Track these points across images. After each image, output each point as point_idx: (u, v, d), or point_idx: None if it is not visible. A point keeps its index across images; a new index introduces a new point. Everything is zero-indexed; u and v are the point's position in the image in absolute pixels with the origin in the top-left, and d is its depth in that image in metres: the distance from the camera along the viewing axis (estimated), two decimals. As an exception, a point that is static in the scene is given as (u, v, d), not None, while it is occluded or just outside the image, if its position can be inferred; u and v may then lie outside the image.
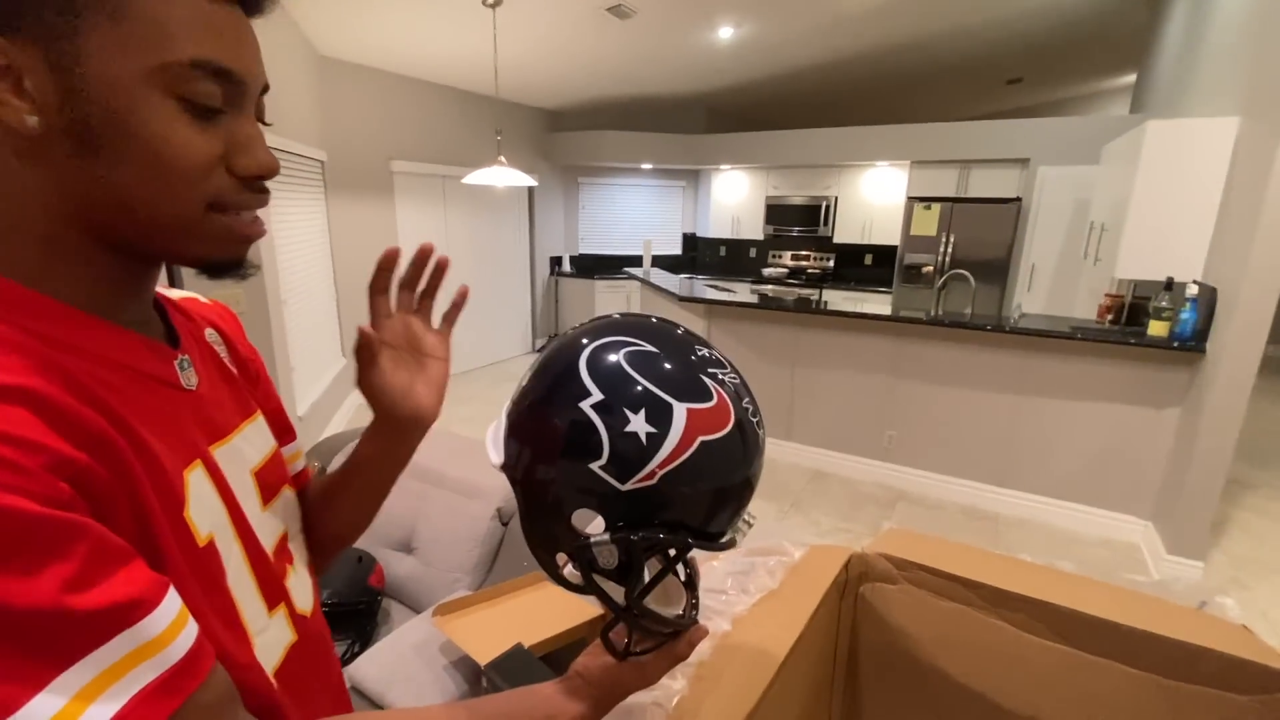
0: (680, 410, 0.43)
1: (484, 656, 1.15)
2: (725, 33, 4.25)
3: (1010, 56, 5.37)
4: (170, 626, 0.33)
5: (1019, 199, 4.76)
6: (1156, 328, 2.61)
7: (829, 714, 1.02)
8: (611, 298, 6.30)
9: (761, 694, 0.68)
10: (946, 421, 3.20)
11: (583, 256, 6.71)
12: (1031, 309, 4.49)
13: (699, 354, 0.47)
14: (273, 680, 0.45)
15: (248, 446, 0.50)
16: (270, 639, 0.47)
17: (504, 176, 3.57)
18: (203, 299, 0.57)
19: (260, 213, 0.44)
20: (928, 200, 4.97)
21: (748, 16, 4.00)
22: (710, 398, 0.44)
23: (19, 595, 0.28)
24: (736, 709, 0.65)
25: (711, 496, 0.45)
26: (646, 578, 0.47)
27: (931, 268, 4.99)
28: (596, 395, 0.43)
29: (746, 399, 0.47)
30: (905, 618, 0.95)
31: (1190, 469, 2.46)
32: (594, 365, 0.44)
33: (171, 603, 0.34)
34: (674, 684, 0.65)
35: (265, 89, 0.43)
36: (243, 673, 0.41)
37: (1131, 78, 5.64)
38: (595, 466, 0.42)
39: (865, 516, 3.05)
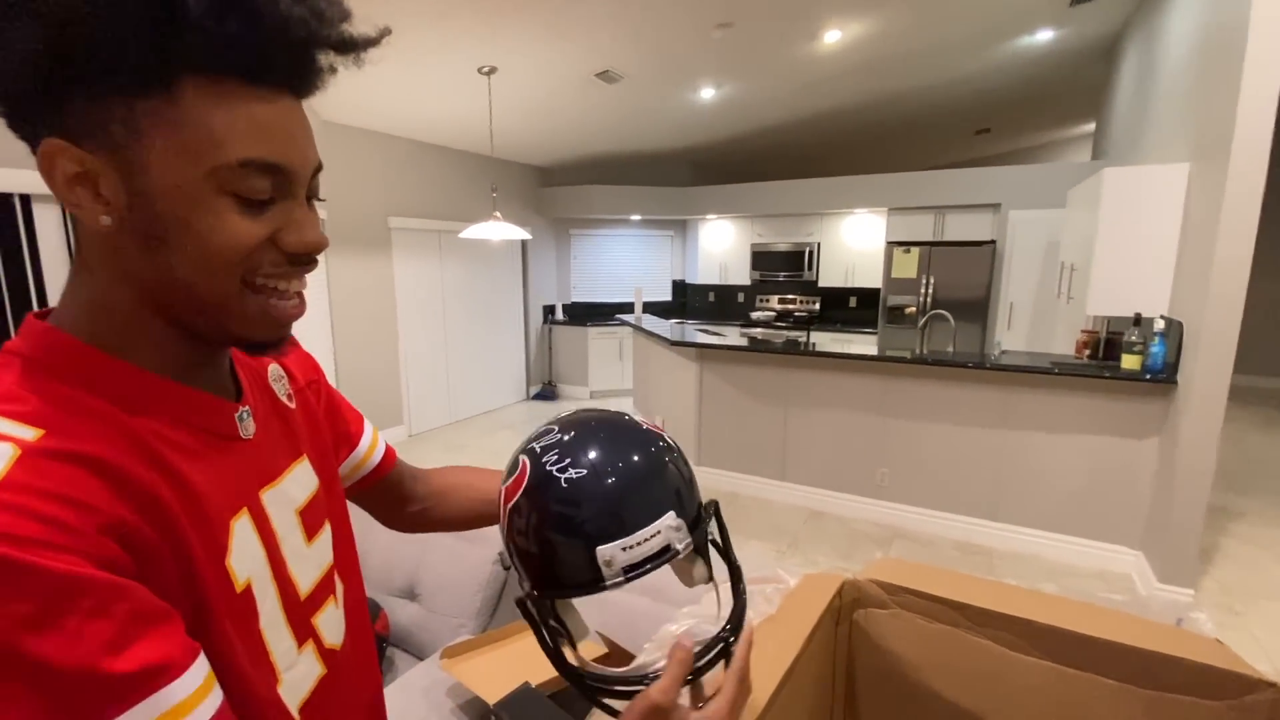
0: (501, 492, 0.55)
1: (492, 696, 1.17)
2: (707, 93, 4.50)
3: (976, 109, 5.70)
4: (194, 694, 0.35)
5: (993, 241, 4.96)
6: (1129, 361, 2.72)
7: (830, 740, 1.05)
8: (604, 344, 6.41)
9: (760, 713, 0.73)
10: (936, 457, 3.26)
11: (575, 304, 6.84)
12: (1012, 346, 4.63)
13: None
14: (295, 715, 0.48)
15: (294, 487, 0.53)
16: (299, 674, 0.50)
17: (500, 231, 3.71)
18: None
19: None
20: (906, 244, 5.16)
21: (728, 78, 4.25)
22: (515, 469, 0.54)
23: (58, 653, 0.31)
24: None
25: (542, 547, 0.50)
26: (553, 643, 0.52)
27: (914, 308, 5.15)
28: None
29: (553, 453, 0.51)
30: (897, 641, 0.99)
31: (1173, 498, 2.53)
32: None
33: (198, 670, 0.36)
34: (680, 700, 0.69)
35: (318, 169, 0.46)
36: (264, 707, 0.45)
37: (1091, 126, 5.98)
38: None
39: (863, 554, 3.07)
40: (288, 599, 0.49)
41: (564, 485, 0.49)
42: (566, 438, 0.52)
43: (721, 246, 6.66)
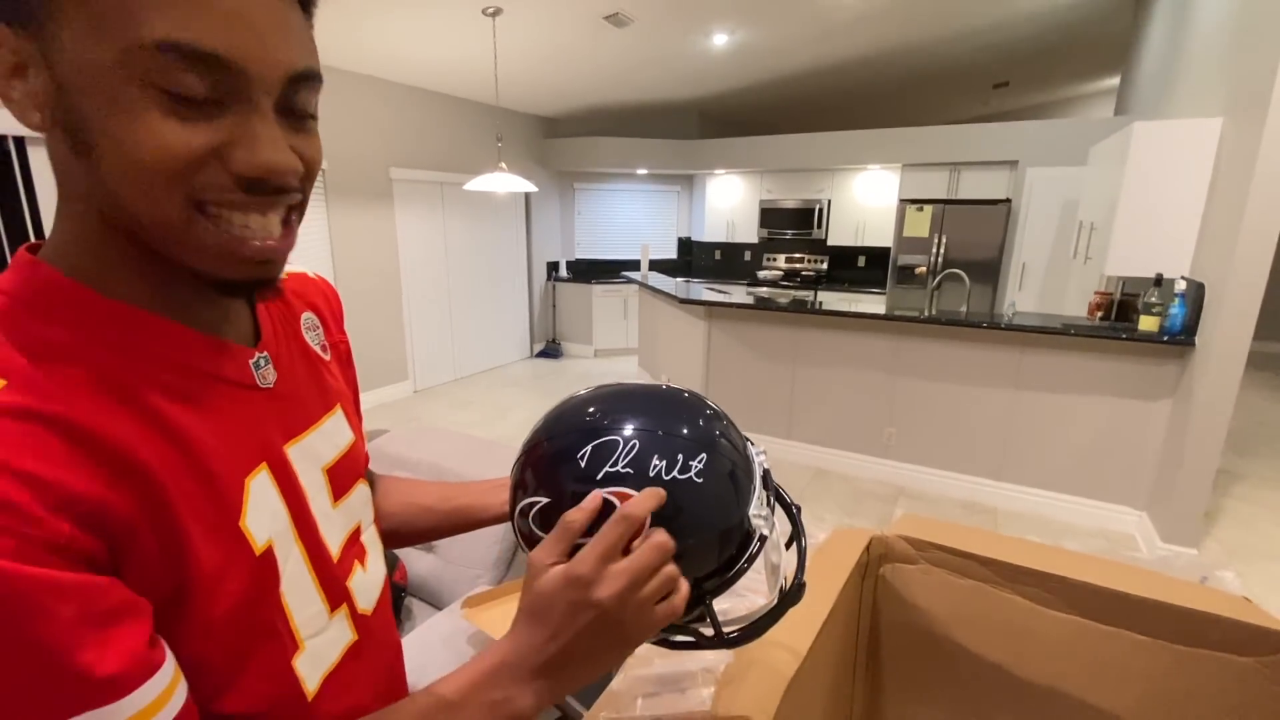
0: None
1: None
2: (720, 39, 4.32)
3: (996, 62, 5.49)
4: (155, 701, 0.32)
5: (1009, 200, 4.85)
6: (1147, 323, 2.68)
7: (852, 690, 1.06)
8: (609, 302, 6.35)
9: (798, 666, 0.72)
10: (944, 418, 3.26)
11: (579, 261, 6.75)
12: (1023, 307, 4.58)
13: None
14: (311, 687, 0.44)
15: (323, 442, 0.49)
16: (327, 639, 0.46)
17: (505, 182, 3.62)
18: (310, 274, 0.57)
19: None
20: (919, 202, 5.05)
21: (742, 23, 4.08)
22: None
23: None
24: (776, 680, 0.69)
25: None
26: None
27: (925, 268, 5.07)
28: None
29: (654, 459, 0.45)
30: (924, 596, 0.99)
31: (1182, 459, 2.53)
32: None
33: (155, 684, 0.32)
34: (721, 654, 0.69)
35: (307, 78, 0.37)
36: (271, 683, 0.41)
37: (1115, 81, 5.78)
38: None
39: (868, 511, 3.11)
40: (318, 561, 0.45)
41: (699, 481, 0.44)
42: (641, 438, 0.45)
43: (729, 203, 6.53)
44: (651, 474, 0.43)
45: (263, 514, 0.40)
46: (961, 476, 3.27)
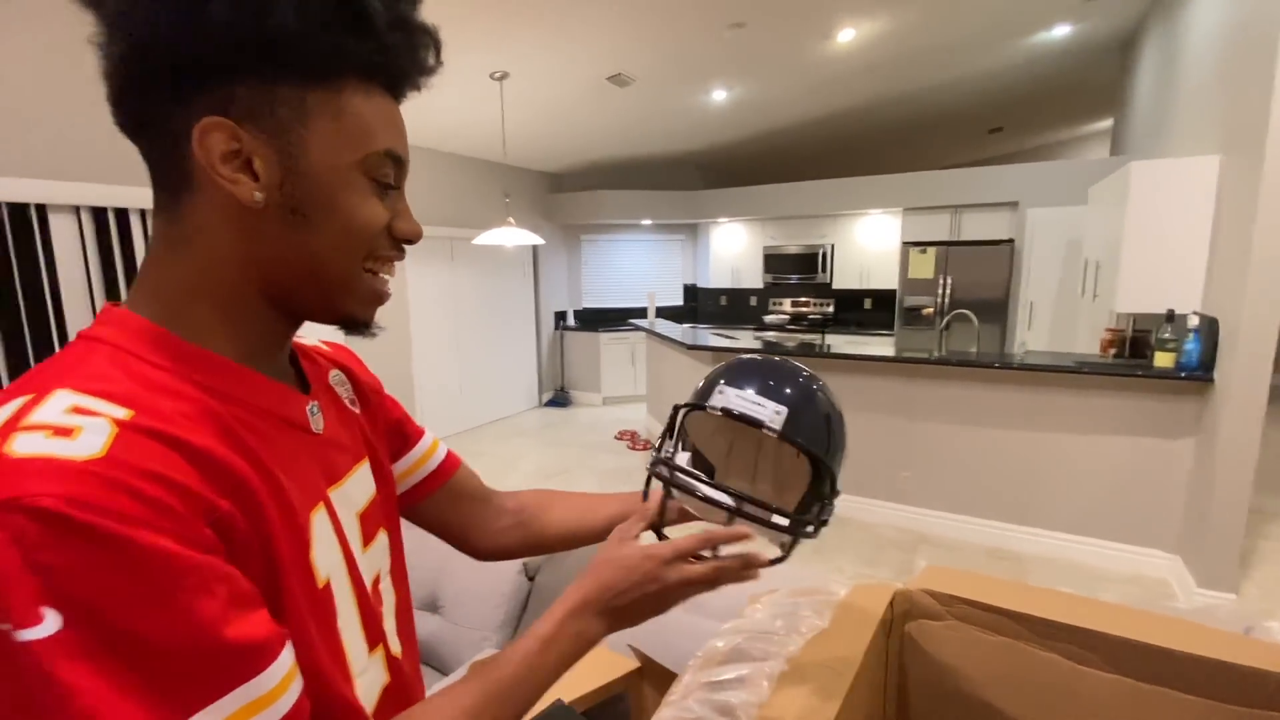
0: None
1: (526, 714, 1.13)
2: (719, 95, 4.47)
3: (989, 108, 5.64)
4: (282, 681, 0.36)
5: (1011, 240, 4.89)
6: (1162, 359, 2.64)
7: (883, 759, 1.00)
8: (617, 350, 6.37)
9: (824, 732, 0.68)
10: (961, 460, 3.19)
11: (586, 310, 6.82)
12: (1034, 346, 4.55)
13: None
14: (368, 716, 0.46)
15: (356, 490, 0.53)
16: (369, 680, 0.49)
17: (513, 237, 3.69)
18: (324, 345, 0.64)
19: None
20: (923, 245, 5.10)
21: (739, 79, 4.22)
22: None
23: (160, 632, 0.31)
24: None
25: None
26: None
27: (932, 309, 5.08)
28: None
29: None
30: (953, 654, 0.94)
31: (1212, 499, 2.45)
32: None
33: (287, 656, 0.36)
34: (750, 710, 0.65)
35: None
36: (343, 705, 0.43)
37: (1108, 123, 5.90)
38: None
39: (888, 560, 3.01)
40: (362, 600, 0.49)
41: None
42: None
43: (733, 250, 6.62)
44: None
45: (324, 549, 0.45)
46: (983, 522, 3.17)
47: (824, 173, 6.03)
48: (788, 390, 0.62)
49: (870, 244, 5.88)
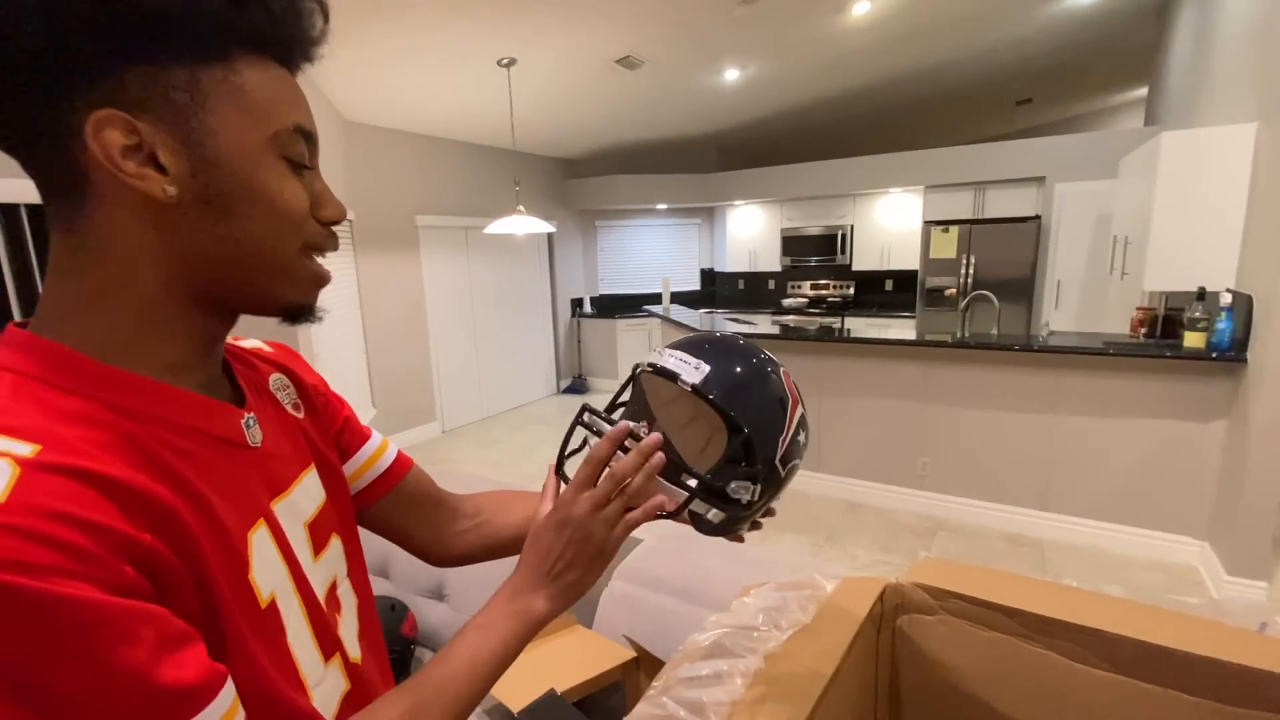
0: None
1: (517, 704, 1.13)
2: (731, 74, 4.38)
3: (1018, 78, 5.42)
4: (230, 709, 0.35)
5: (1038, 217, 4.72)
6: (1193, 339, 2.54)
7: (874, 755, 0.98)
8: (633, 336, 6.36)
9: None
10: (982, 445, 3.12)
11: (602, 297, 6.80)
12: (1061, 326, 4.41)
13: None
14: None
15: (303, 499, 0.51)
16: (327, 689, 0.48)
17: (523, 224, 3.68)
18: (266, 346, 0.60)
19: None
20: (945, 223, 4.96)
21: (752, 58, 4.13)
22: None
23: (80, 687, 0.29)
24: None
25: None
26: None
27: (954, 290, 4.95)
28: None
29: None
30: (946, 650, 0.92)
31: (1244, 484, 2.35)
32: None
33: (227, 693, 0.35)
34: (721, 709, 0.64)
35: None
36: (305, 718, 0.43)
37: (1143, 91, 5.63)
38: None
39: (904, 547, 2.97)
40: (313, 611, 0.48)
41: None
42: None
43: (750, 233, 6.52)
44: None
45: (265, 568, 0.43)
46: (1003, 507, 3.10)
47: (843, 151, 5.89)
48: (722, 357, 0.60)
49: (891, 223, 5.74)
